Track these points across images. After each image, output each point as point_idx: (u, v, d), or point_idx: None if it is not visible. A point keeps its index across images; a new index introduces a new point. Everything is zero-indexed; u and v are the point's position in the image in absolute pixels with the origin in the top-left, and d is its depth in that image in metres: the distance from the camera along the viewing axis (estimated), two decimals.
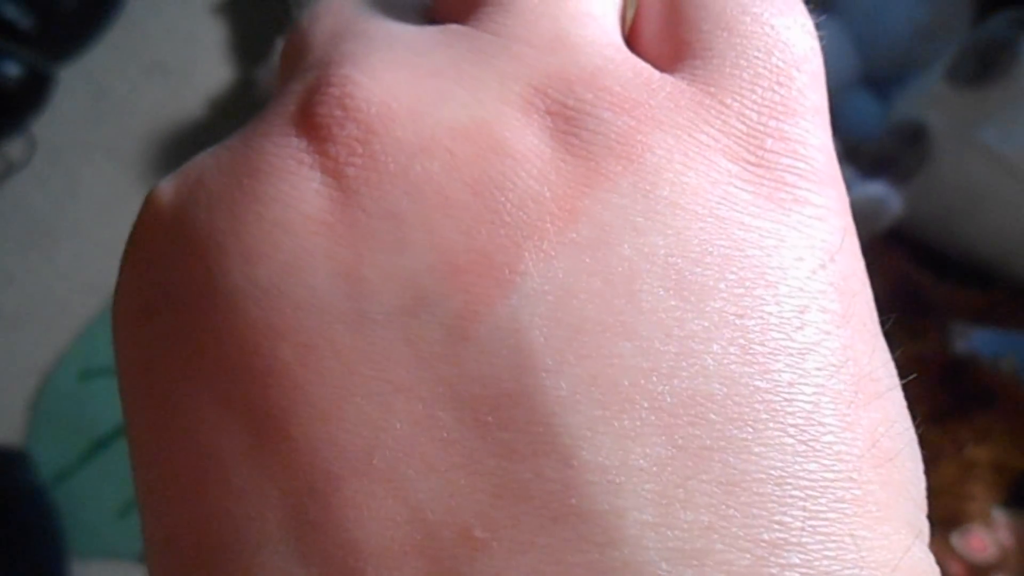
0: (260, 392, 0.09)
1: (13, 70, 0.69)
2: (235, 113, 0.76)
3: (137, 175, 0.75)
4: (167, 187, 0.11)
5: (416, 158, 0.10)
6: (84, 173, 0.75)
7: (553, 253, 0.09)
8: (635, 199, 0.10)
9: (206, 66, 0.78)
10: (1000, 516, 0.56)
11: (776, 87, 0.11)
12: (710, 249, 0.10)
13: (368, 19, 0.11)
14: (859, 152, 0.67)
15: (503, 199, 0.10)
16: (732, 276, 0.10)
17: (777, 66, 0.11)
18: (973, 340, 0.61)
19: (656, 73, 0.11)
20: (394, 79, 0.10)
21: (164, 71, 0.78)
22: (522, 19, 0.11)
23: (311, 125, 0.10)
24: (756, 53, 0.11)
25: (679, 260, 0.10)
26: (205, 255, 0.10)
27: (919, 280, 0.64)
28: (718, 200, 0.10)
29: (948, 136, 0.65)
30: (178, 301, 0.10)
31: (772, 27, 0.12)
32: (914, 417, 0.11)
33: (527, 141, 0.10)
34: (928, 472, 0.11)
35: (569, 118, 0.10)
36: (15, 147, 0.73)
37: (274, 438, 0.09)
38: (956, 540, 0.55)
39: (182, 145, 0.76)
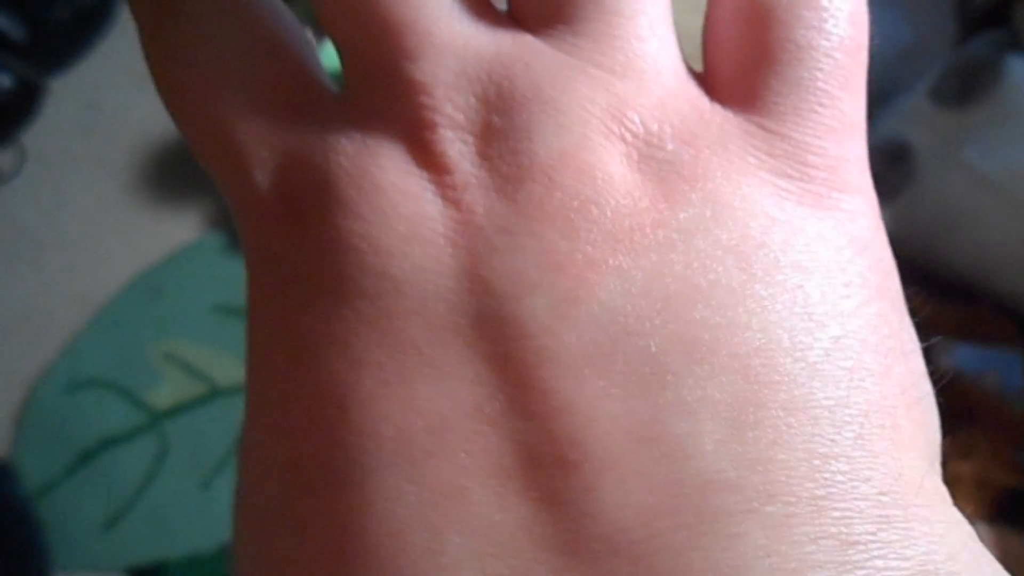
0: (389, 355, 0.11)
1: (4, 81, 0.69)
2: None
3: (127, 187, 0.75)
4: (283, 186, 0.13)
5: (521, 184, 0.12)
6: (73, 184, 0.75)
7: (642, 250, 0.12)
8: (703, 209, 0.12)
9: None
10: (984, 531, 0.57)
11: (819, 108, 0.13)
12: (768, 240, 0.12)
13: (447, 20, 0.13)
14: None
15: (597, 211, 0.12)
16: (790, 258, 0.12)
17: (821, 88, 0.13)
18: (957, 356, 0.62)
19: (708, 104, 0.13)
20: (490, 121, 0.12)
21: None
22: (595, 42, 0.13)
23: (429, 162, 0.12)
24: (802, 75, 0.13)
25: (744, 247, 0.12)
26: (342, 250, 0.12)
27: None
28: (770, 206, 0.12)
29: (932, 155, 0.66)
30: (317, 285, 0.12)
31: (815, 49, 0.13)
32: None
33: (611, 166, 0.12)
34: None
35: (641, 147, 0.12)
36: (5, 157, 0.73)
37: (398, 390, 0.11)
38: None
39: (172, 157, 0.76)
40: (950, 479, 0.55)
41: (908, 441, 0.12)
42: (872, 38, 0.14)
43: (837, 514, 0.10)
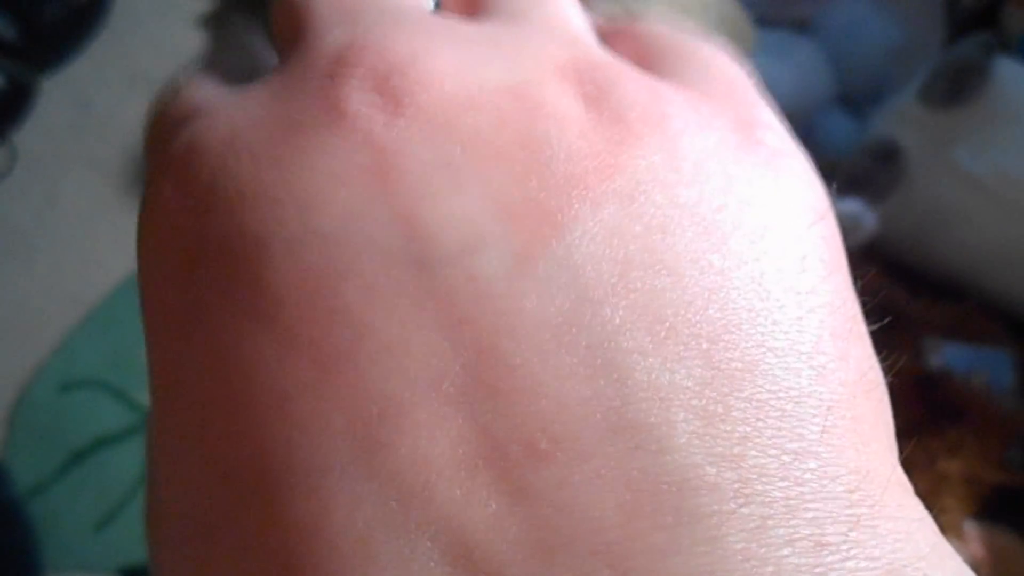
0: (325, 329, 0.10)
1: None
2: None
3: (118, 186, 0.75)
4: (188, 145, 0.11)
5: (465, 112, 0.10)
6: (65, 184, 0.75)
7: (599, 201, 0.10)
8: (662, 157, 0.11)
9: None
10: (972, 529, 0.57)
11: (739, 88, 0.13)
12: (727, 201, 0.11)
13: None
14: (834, 170, 0.68)
15: (550, 153, 0.11)
16: (747, 223, 0.11)
17: (733, 78, 0.13)
18: (945, 355, 0.63)
19: (654, 78, 0.12)
20: (432, 42, 0.11)
21: (147, 82, 0.78)
22: (538, 27, 0.12)
23: (356, 77, 0.11)
24: (717, 70, 0.13)
25: (703, 208, 0.11)
26: (255, 207, 0.10)
27: (893, 296, 0.65)
28: (730, 162, 0.11)
29: (921, 155, 0.66)
30: (227, 251, 0.10)
31: (716, 57, 0.14)
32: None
33: (565, 103, 0.11)
34: None
35: (599, 86, 0.11)
36: None
37: (341, 371, 0.10)
38: None
39: None
40: (938, 477, 0.56)
41: (870, 431, 0.11)
42: (861, 38, 0.15)
43: (810, 515, 0.10)
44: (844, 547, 0.10)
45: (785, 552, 0.09)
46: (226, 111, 0.11)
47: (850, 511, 0.10)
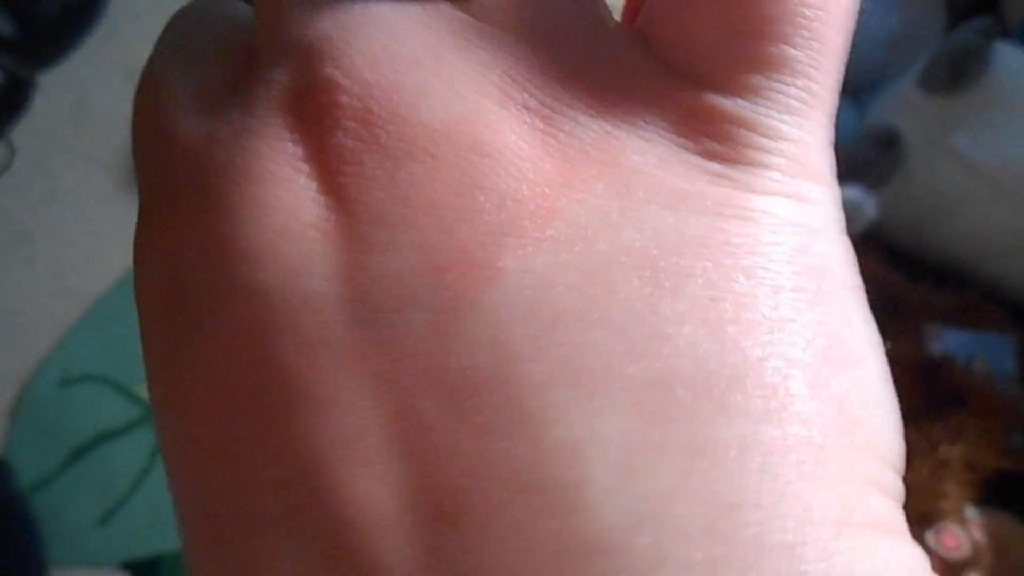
0: (260, 384, 0.10)
1: None
2: None
3: (117, 181, 0.75)
4: (161, 186, 0.12)
5: (401, 163, 0.10)
6: (64, 179, 0.75)
7: (532, 249, 0.10)
8: (610, 199, 0.10)
9: None
10: (973, 514, 0.58)
11: (779, 83, 0.11)
12: (685, 240, 0.10)
13: None
14: (834, 157, 0.68)
15: (483, 198, 0.10)
16: (708, 262, 0.10)
17: (793, 59, 0.11)
18: (946, 341, 0.63)
19: (632, 75, 0.11)
20: (376, 79, 0.11)
21: None
22: (506, 7, 0.11)
23: (305, 133, 0.11)
24: (767, 47, 0.11)
25: (655, 251, 0.10)
26: (211, 256, 0.10)
27: (893, 283, 0.65)
28: (694, 196, 0.10)
29: (921, 142, 0.66)
30: (194, 298, 0.11)
31: (783, 18, 0.11)
32: None
33: (505, 138, 0.10)
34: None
35: (546, 116, 0.11)
36: None
37: (272, 426, 0.10)
38: (930, 538, 0.56)
39: None
40: (940, 462, 0.56)
41: (840, 472, 0.10)
42: (861, 25, 0.13)
43: None
44: None
45: None
46: (195, 148, 0.11)
47: (791, 568, 0.09)
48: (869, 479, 0.10)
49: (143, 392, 0.68)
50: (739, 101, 0.11)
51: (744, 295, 0.10)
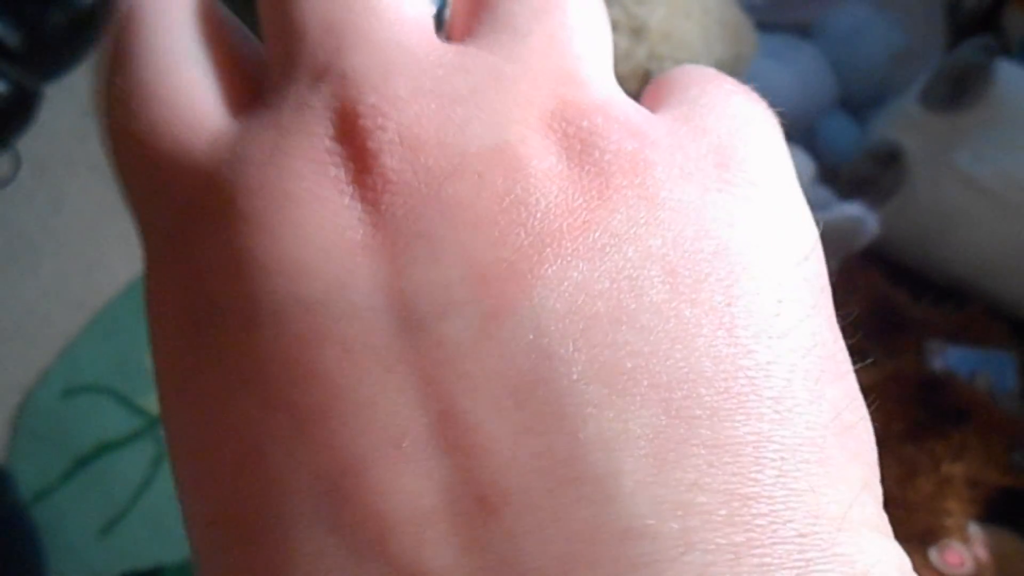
0: (302, 392, 0.11)
1: (0, 87, 0.70)
2: None
3: (122, 192, 0.75)
4: (188, 204, 0.12)
5: (446, 182, 0.11)
6: (69, 189, 0.75)
7: (569, 258, 0.11)
8: (639, 209, 0.11)
9: None
10: (976, 531, 0.57)
11: (731, 117, 0.13)
12: (701, 247, 0.11)
13: (368, 14, 0.12)
14: (836, 174, 0.68)
15: (526, 213, 0.11)
16: (720, 270, 0.11)
17: (735, 113, 0.13)
18: (948, 358, 0.63)
19: (644, 110, 0.13)
20: (421, 109, 0.11)
21: None
22: (537, 52, 0.12)
23: (348, 157, 0.11)
24: (716, 99, 0.13)
25: (674, 257, 0.11)
26: (244, 272, 0.11)
27: (895, 299, 0.65)
28: (708, 206, 0.12)
29: (923, 159, 0.67)
30: (221, 316, 0.11)
31: (722, 89, 0.14)
32: (890, 435, 0.13)
33: (547, 161, 0.11)
34: (905, 488, 0.13)
35: (583, 140, 0.12)
36: (0, 163, 0.73)
37: (313, 429, 0.10)
38: (933, 556, 0.55)
39: None
40: (943, 480, 0.56)
41: (837, 472, 0.11)
42: (863, 42, 0.14)
43: (755, 561, 0.10)
44: None
45: None
46: (224, 168, 0.12)
47: (801, 555, 0.10)
48: (862, 482, 0.11)
49: (145, 403, 0.68)
50: (714, 133, 0.13)
51: (752, 302, 0.11)
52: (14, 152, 0.75)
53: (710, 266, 0.11)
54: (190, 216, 0.12)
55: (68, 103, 0.77)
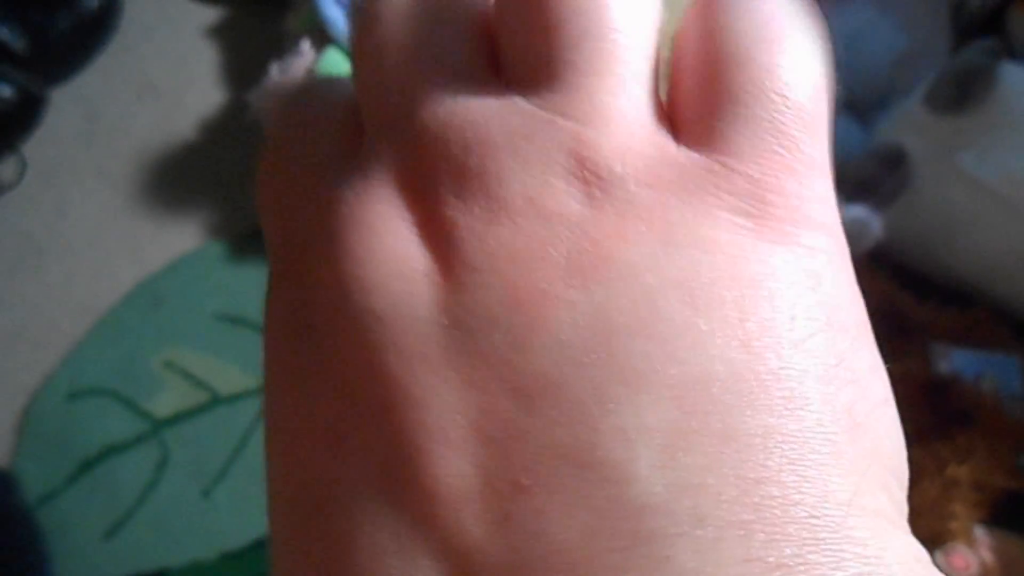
0: (370, 389, 0.13)
1: (5, 91, 0.70)
2: (226, 136, 0.76)
3: (128, 197, 0.75)
4: (304, 229, 0.15)
5: (490, 227, 0.13)
6: (75, 194, 0.75)
7: (592, 286, 0.13)
8: (656, 247, 0.13)
9: (198, 89, 0.79)
10: (982, 534, 0.57)
11: (778, 148, 0.14)
12: (718, 275, 0.13)
13: (439, 65, 0.15)
14: (841, 176, 0.68)
15: (554, 252, 0.13)
16: (737, 292, 0.13)
17: (779, 129, 0.14)
18: (954, 360, 0.62)
19: (673, 147, 0.14)
20: (469, 162, 0.14)
21: (156, 93, 0.79)
22: (566, 96, 0.14)
23: (411, 200, 0.14)
24: (761, 116, 0.14)
25: (692, 283, 0.13)
26: (336, 290, 0.14)
27: (900, 301, 0.65)
28: (725, 243, 0.13)
29: (928, 161, 0.66)
30: (318, 324, 0.14)
31: (772, 92, 0.14)
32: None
33: (571, 206, 0.13)
34: (910, 491, 0.13)
35: (603, 187, 0.13)
36: (6, 168, 0.74)
37: (379, 419, 0.13)
38: (939, 559, 0.55)
39: (173, 167, 0.76)
40: (948, 483, 0.56)
41: (850, 466, 0.12)
42: (867, 44, 0.14)
43: (764, 537, 0.11)
44: (800, 568, 0.11)
45: (736, 571, 0.11)
46: (325, 207, 0.14)
47: (810, 534, 0.11)
48: (876, 480, 0.12)
49: (150, 407, 0.68)
50: (752, 167, 0.14)
51: (767, 318, 0.13)
52: (19, 157, 0.75)
53: (726, 289, 0.13)
54: (301, 243, 0.15)
55: (74, 108, 0.77)
